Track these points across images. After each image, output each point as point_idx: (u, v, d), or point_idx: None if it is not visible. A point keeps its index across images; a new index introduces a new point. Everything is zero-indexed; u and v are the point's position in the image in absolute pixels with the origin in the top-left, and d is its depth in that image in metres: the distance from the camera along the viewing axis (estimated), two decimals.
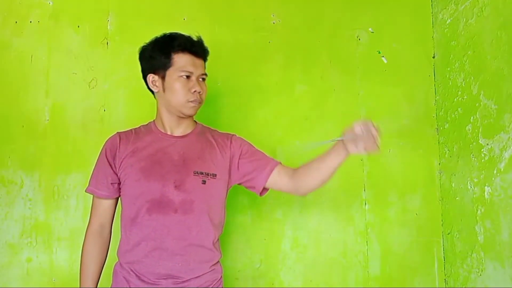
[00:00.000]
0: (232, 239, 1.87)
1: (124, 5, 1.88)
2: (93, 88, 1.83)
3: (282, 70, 1.98)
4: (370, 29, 2.07)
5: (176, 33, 1.38)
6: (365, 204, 1.99)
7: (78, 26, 1.84)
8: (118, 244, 1.38)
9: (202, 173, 1.33)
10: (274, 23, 2.00)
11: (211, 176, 1.34)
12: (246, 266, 1.87)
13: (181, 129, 1.40)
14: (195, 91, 1.33)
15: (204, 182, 1.32)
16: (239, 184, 1.44)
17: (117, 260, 1.38)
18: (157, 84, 1.37)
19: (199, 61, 1.36)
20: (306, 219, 1.94)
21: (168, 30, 1.73)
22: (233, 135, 1.46)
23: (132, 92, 1.85)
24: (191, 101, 1.33)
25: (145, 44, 1.42)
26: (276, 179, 1.38)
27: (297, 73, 1.99)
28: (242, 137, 1.47)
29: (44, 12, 1.82)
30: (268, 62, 1.98)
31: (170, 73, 1.34)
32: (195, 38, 1.38)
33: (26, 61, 1.79)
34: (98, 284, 1.38)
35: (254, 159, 1.39)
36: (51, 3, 1.83)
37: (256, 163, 1.39)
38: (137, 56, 1.88)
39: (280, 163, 1.41)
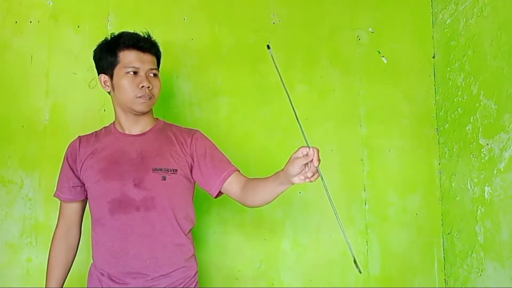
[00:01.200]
0: (232, 239, 1.87)
1: (124, 5, 1.88)
2: (93, 88, 1.83)
3: (282, 70, 1.96)
4: (370, 29, 2.07)
5: (123, 32, 1.37)
6: (365, 204, 1.99)
7: (78, 26, 1.84)
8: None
9: (161, 169, 1.32)
10: (274, 23, 2.00)
11: (172, 172, 1.32)
12: (246, 266, 1.87)
13: (139, 128, 1.39)
14: (143, 86, 1.30)
15: (164, 178, 1.31)
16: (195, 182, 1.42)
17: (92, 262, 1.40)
18: (107, 84, 1.37)
19: (147, 57, 1.34)
20: (306, 219, 1.94)
21: (168, 30, 1.74)
22: (195, 132, 1.42)
23: None
24: (139, 97, 1.31)
25: (95, 47, 1.41)
26: (228, 187, 1.34)
27: (297, 73, 1.99)
28: (204, 134, 1.44)
29: (44, 12, 1.82)
30: (268, 62, 1.97)
31: (117, 71, 1.33)
32: (142, 34, 1.37)
33: (26, 61, 1.79)
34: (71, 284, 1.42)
35: (213, 163, 1.36)
36: (51, 3, 1.83)
37: (214, 168, 1.35)
38: None
39: (237, 170, 1.36)
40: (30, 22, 1.81)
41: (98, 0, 1.86)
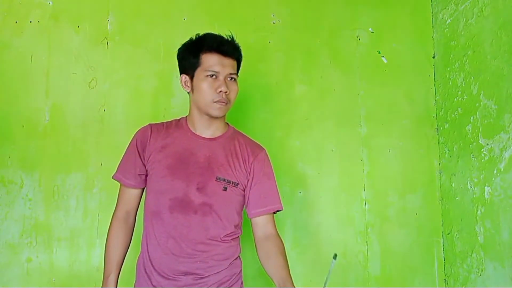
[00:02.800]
0: None
1: (124, 5, 1.88)
2: (93, 88, 1.83)
3: (282, 70, 1.98)
4: (370, 29, 2.07)
5: (207, 34, 1.38)
6: (365, 204, 1.99)
7: (78, 26, 1.84)
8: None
9: (224, 180, 1.35)
10: (274, 23, 2.00)
11: (233, 184, 1.36)
12: (246, 266, 1.86)
13: (211, 131, 1.40)
14: (220, 91, 1.31)
15: (225, 189, 1.34)
16: None
17: (140, 252, 1.39)
18: (188, 84, 1.38)
19: (227, 61, 1.35)
20: (306, 219, 1.94)
21: (168, 30, 1.74)
22: (259, 152, 1.44)
23: (132, 92, 1.85)
24: (216, 101, 1.32)
25: (180, 46, 1.43)
26: (253, 224, 1.41)
27: (297, 73, 1.99)
28: (267, 157, 1.46)
29: (44, 12, 1.82)
30: (268, 62, 1.98)
31: (198, 73, 1.34)
32: (225, 38, 1.38)
33: (26, 61, 1.79)
34: (122, 275, 1.40)
35: (258, 194, 1.40)
36: (51, 3, 1.83)
37: (257, 198, 1.39)
38: (137, 56, 1.90)
39: (272, 214, 1.41)
40: (30, 22, 1.81)
41: (98, 0, 1.86)
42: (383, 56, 2.07)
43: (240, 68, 1.45)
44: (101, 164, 1.78)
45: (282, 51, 1.99)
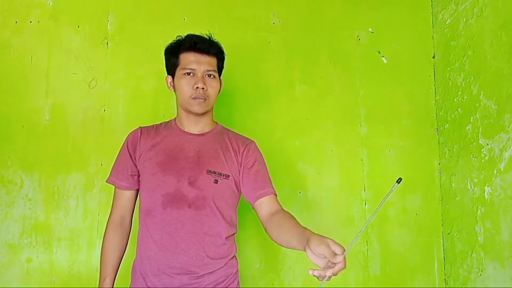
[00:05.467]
0: None
1: (124, 5, 1.88)
2: (93, 88, 1.83)
3: (282, 70, 1.98)
4: (370, 29, 2.07)
5: (188, 34, 1.41)
6: (365, 204, 1.99)
7: (78, 26, 1.84)
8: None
9: (215, 173, 1.36)
10: (274, 23, 2.00)
11: (224, 177, 1.37)
12: (246, 266, 1.87)
13: (198, 128, 1.43)
14: (197, 87, 1.34)
15: (216, 181, 1.35)
16: None
17: (135, 256, 1.40)
18: (172, 84, 1.42)
19: (204, 58, 1.38)
20: (306, 219, 1.94)
21: (168, 30, 1.75)
22: (250, 142, 1.46)
23: (132, 92, 1.86)
24: (193, 98, 1.35)
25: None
26: (258, 207, 1.37)
27: (297, 73, 2.00)
28: (257, 147, 1.47)
29: (44, 12, 1.82)
30: (268, 62, 1.98)
31: (177, 72, 1.39)
32: (203, 36, 1.41)
33: (26, 61, 1.79)
34: (117, 279, 1.40)
35: (255, 178, 1.39)
36: (51, 3, 1.84)
37: (255, 183, 1.39)
38: (137, 56, 1.90)
39: (274, 194, 1.38)
40: (30, 22, 1.81)
41: (98, 0, 1.86)
42: (383, 56, 2.07)
43: (224, 66, 1.47)
44: (101, 164, 1.78)
45: (282, 51, 1.99)
